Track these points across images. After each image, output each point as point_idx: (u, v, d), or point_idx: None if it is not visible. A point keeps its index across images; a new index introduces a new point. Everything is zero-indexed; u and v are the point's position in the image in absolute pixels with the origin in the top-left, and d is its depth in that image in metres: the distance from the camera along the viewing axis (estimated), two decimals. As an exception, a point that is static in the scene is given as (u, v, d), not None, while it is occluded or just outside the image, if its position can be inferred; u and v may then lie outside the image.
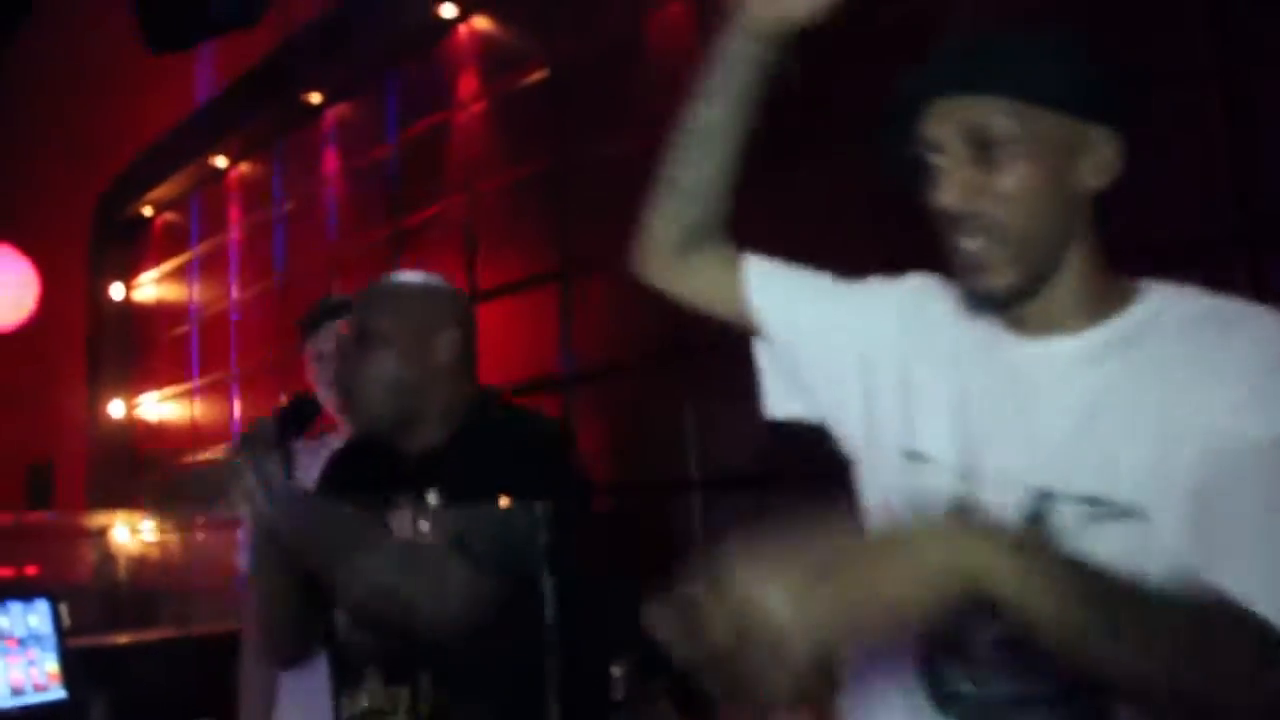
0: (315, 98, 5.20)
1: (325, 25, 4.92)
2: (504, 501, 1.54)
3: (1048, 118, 1.01)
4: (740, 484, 3.26)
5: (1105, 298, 1.05)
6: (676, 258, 1.35)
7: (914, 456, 1.13)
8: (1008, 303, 1.06)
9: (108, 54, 6.58)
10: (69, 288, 6.60)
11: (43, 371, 7.30)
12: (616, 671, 2.78)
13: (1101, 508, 0.98)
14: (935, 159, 1.05)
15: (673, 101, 3.42)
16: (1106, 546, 0.91)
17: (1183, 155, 2.28)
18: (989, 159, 1.01)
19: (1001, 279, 1.03)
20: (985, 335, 1.11)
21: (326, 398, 2.34)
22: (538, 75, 4.05)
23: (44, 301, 5.11)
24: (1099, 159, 1.03)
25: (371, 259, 4.78)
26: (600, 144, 3.76)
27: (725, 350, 1.37)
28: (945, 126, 1.04)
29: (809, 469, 3.06)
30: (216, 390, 6.07)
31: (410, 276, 1.79)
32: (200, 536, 6.07)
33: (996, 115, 1.00)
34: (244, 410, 5.83)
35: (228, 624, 4.19)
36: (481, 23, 4.38)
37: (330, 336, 2.40)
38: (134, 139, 6.39)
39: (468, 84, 4.39)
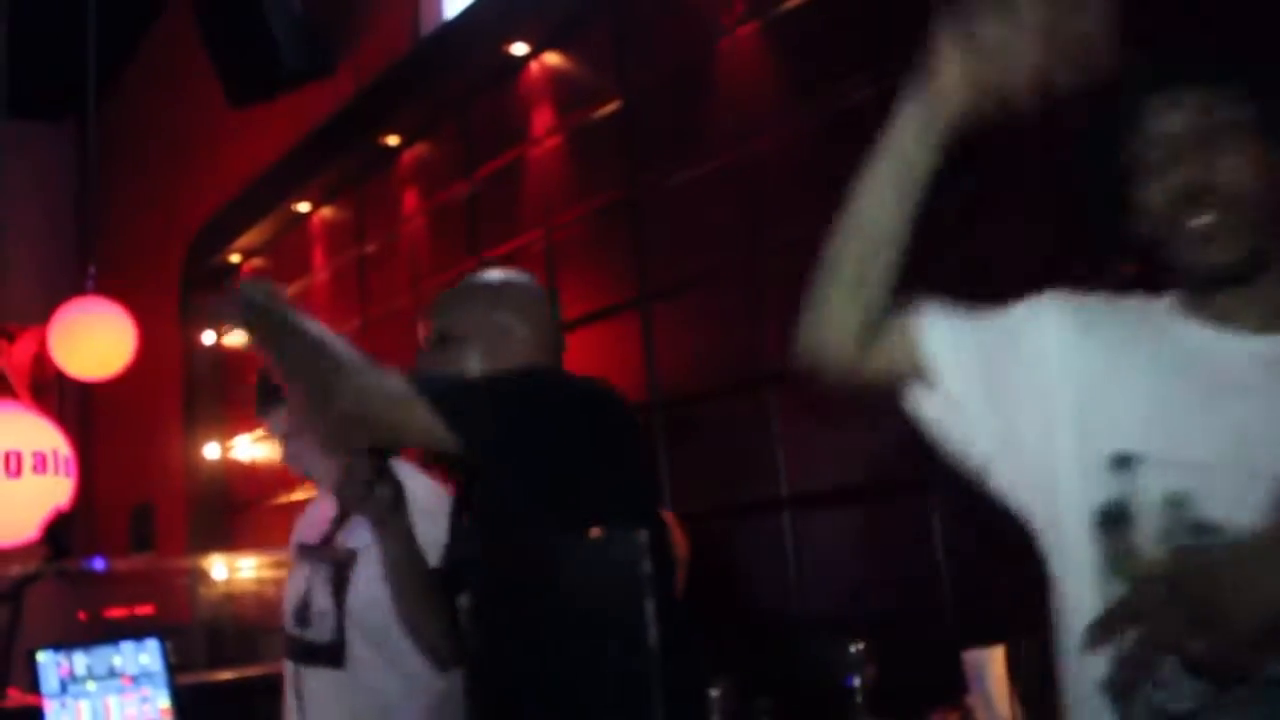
0: (393, 140, 5.33)
1: (399, 70, 5.05)
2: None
3: (1251, 110, 1.10)
4: (830, 502, 3.26)
5: None
6: (857, 348, 1.24)
7: (1121, 460, 1.11)
8: (1230, 279, 1.10)
9: (193, 110, 6.81)
10: (163, 336, 6.81)
11: (142, 418, 7.53)
12: (713, 693, 2.79)
13: None
14: (1163, 148, 1.11)
15: (744, 126, 3.47)
16: None
17: None
18: (1217, 143, 1.09)
19: (1229, 252, 1.08)
20: (1191, 335, 1.14)
21: (294, 472, 2.44)
22: (610, 106, 4.11)
23: (141, 350, 5.27)
24: None
25: (454, 295, 4.87)
26: (675, 171, 3.80)
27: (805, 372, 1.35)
28: (1178, 114, 1.10)
29: (895, 487, 3.05)
30: (307, 430, 6.19)
31: (487, 275, 1.80)
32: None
33: (1225, 103, 1.09)
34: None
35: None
36: (553, 58, 4.45)
37: (279, 419, 2.41)
38: (219, 189, 6.60)
39: (542, 119, 4.46)
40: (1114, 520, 1.09)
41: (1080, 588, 1.11)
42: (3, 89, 5.57)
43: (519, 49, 4.50)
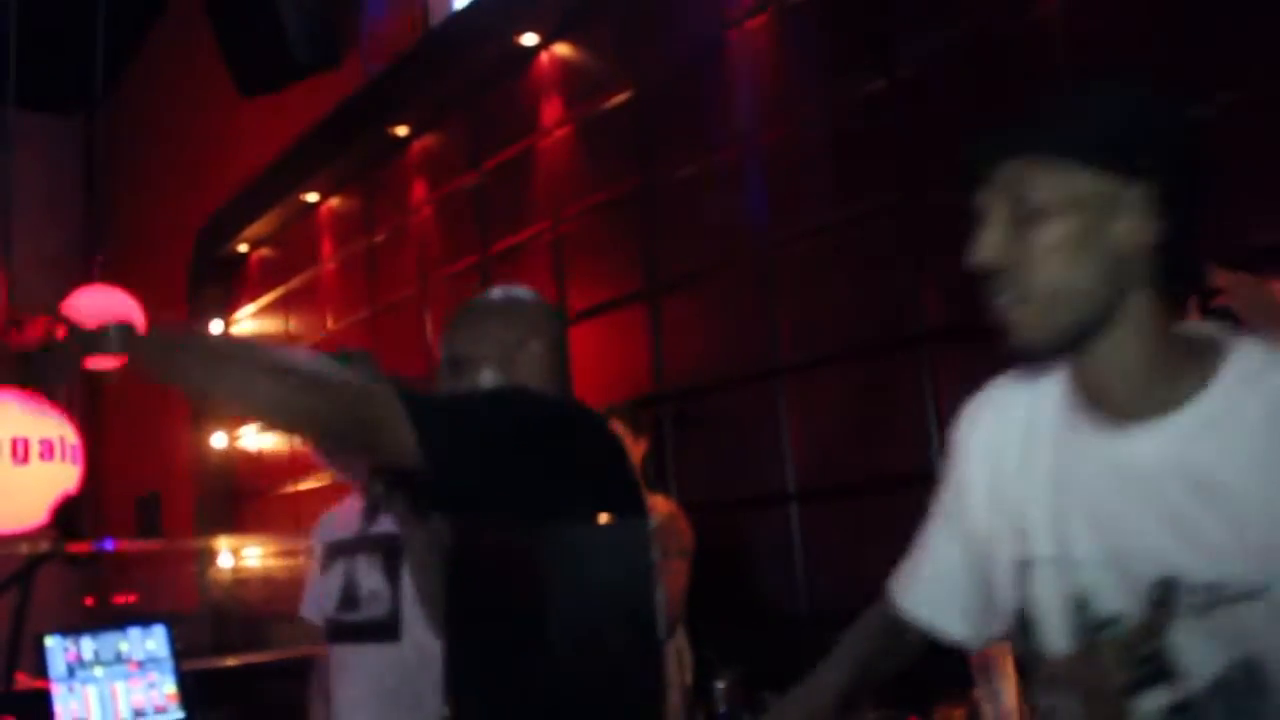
0: (402, 130, 5.32)
1: (409, 60, 5.04)
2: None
3: (1083, 177, 1.03)
4: (837, 495, 3.25)
5: (1180, 367, 1.05)
6: None
7: (1023, 566, 1.15)
8: (1044, 357, 1.09)
9: (201, 100, 6.82)
10: (171, 325, 6.81)
11: (149, 408, 7.54)
12: (719, 684, 2.79)
13: (1224, 590, 1.00)
14: (983, 221, 1.08)
15: (755, 118, 3.45)
16: (1234, 624, 0.99)
17: None
18: (1024, 218, 1.04)
19: (1030, 336, 1.06)
20: (1077, 428, 1.12)
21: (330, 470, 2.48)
22: (620, 97, 4.10)
23: (149, 339, 5.28)
24: (1134, 218, 1.03)
25: (462, 285, 4.87)
26: (684, 162, 3.80)
27: (815, 365, 1.38)
28: (993, 189, 1.07)
29: (901, 480, 3.05)
30: (314, 420, 6.20)
31: (494, 294, 1.81)
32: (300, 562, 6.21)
33: (1031, 175, 1.04)
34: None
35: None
36: (563, 49, 4.45)
37: None
38: (228, 179, 6.60)
39: (551, 109, 4.45)
40: (1023, 624, 1.14)
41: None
42: (12, 81, 5.58)
43: (529, 39, 4.49)
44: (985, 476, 1.21)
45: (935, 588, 1.32)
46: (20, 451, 4.59)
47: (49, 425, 4.78)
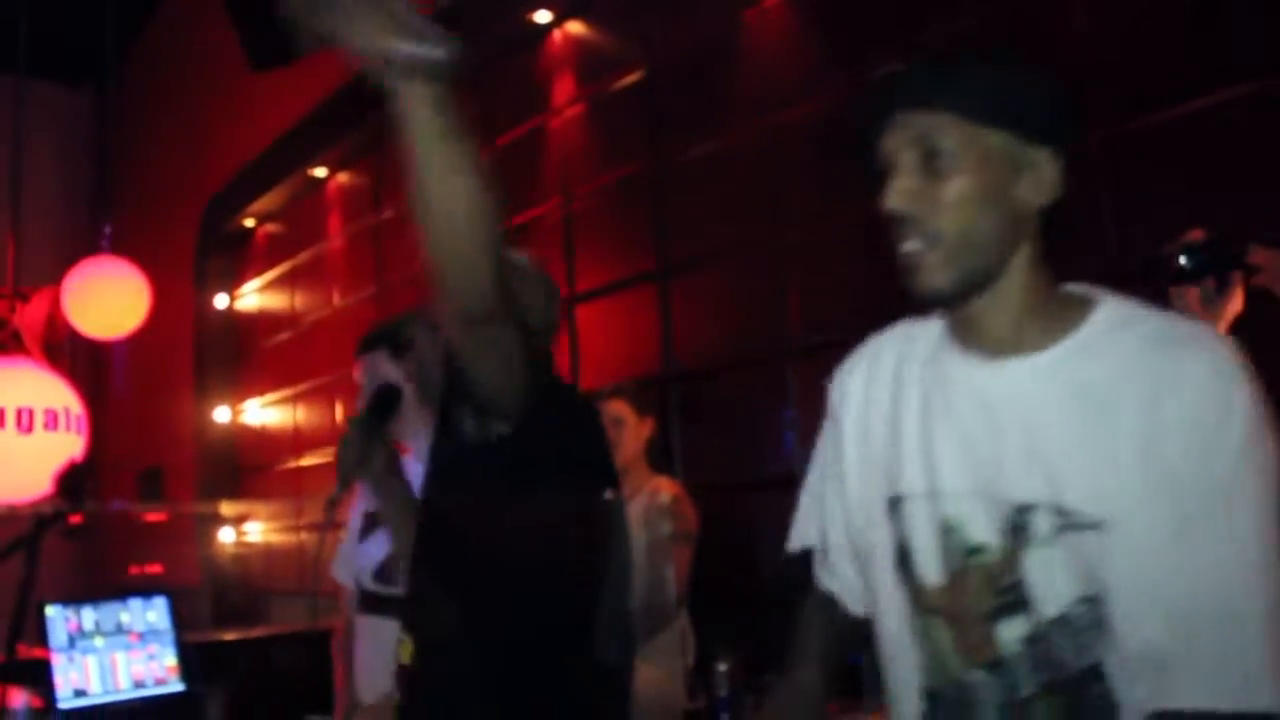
0: (412, 107, 5.29)
1: (421, 35, 5.01)
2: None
3: (992, 136, 1.09)
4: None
5: (1054, 314, 1.12)
6: None
7: (895, 502, 1.19)
8: (944, 304, 1.13)
9: (211, 74, 6.79)
10: (177, 299, 6.81)
11: (153, 380, 7.54)
12: (721, 667, 2.77)
13: (1070, 518, 1.05)
14: (889, 168, 1.13)
15: (768, 99, 3.40)
16: (1075, 554, 1.04)
17: None
18: (935, 169, 1.09)
19: (935, 280, 1.11)
20: (949, 366, 1.18)
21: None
22: (633, 77, 4.07)
23: (154, 312, 5.27)
24: (1039, 177, 1.11)
25: (469, 263, 4.85)
26: (696, 143, 3.77)
27: (824, 348, 1.37)
28: (899, 137, 1.12)
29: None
30: (318, 396, 6.20)
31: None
32: (301, 537, 6.21)
33: (945, 130, 1.09)
34: (345, 416, 5.95)
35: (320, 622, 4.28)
36: (576, 27, 4.41)
37: (363, 367, 2.33)
38: (236, 153, 6.58)
39: (564, 88, 4.42)
40: (900, 557, 1.17)
41: (900, 638, 1.19)
42: (23, 52, 5.56)
43: (542, 17, 4.46)
44: (857, 424, 1.27)
45: (838, 566, 1.36)
46: (25, 420, 4.60)
47: (55, 395, 4.79)
